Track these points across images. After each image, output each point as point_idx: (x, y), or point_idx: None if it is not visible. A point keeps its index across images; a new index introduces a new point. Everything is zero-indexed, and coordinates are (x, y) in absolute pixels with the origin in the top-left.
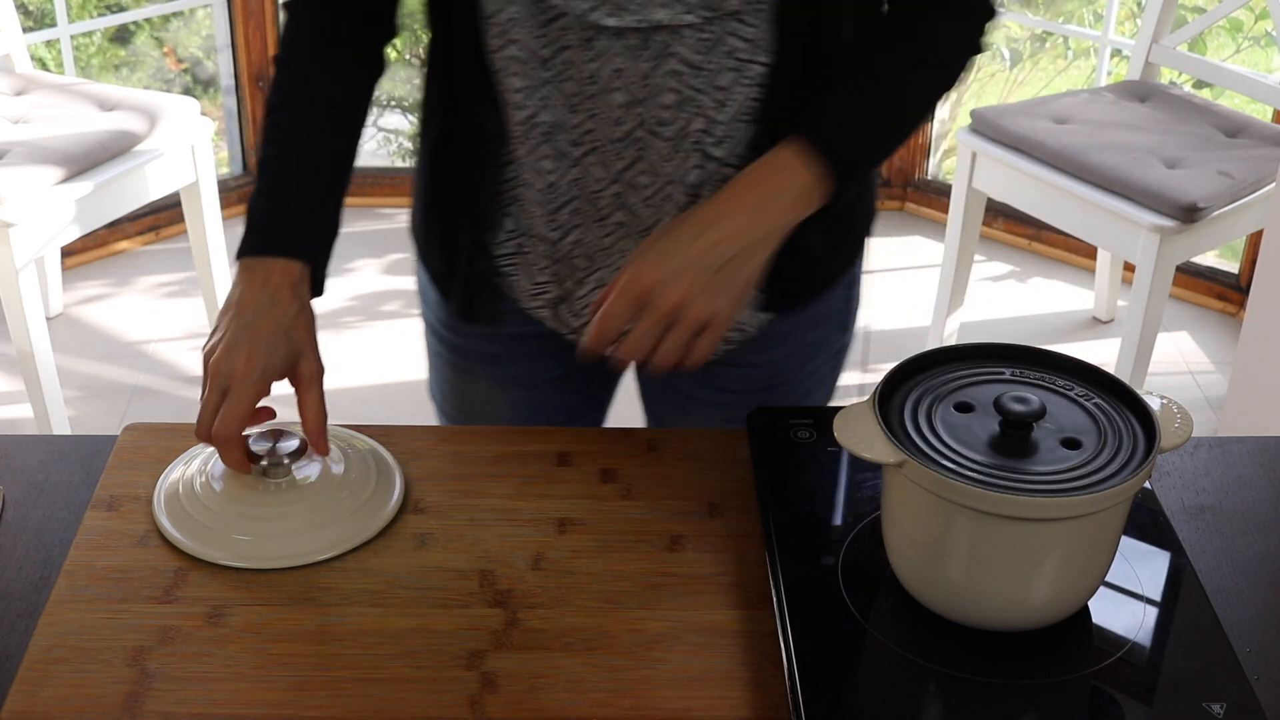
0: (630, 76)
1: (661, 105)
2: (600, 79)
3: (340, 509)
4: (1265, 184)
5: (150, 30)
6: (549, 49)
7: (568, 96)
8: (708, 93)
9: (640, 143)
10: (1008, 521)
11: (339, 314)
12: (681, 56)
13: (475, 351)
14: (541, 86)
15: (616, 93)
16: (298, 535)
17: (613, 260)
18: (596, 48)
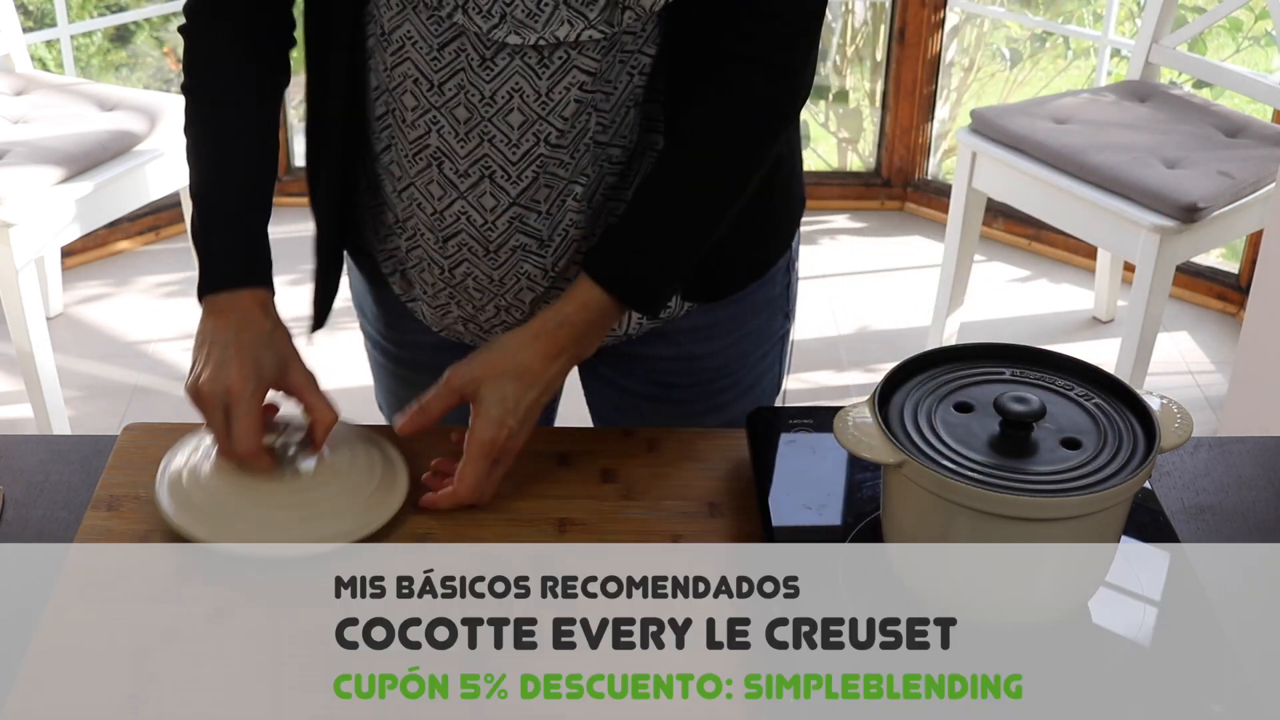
0: (528, 95)
1: (561, 117)
2: (497, 100)
3: (346, 501)
4: (1265, 184)
5: (150, 30)
6: (442, 72)
7: (459, 123)
8: (602, 91)
9: (539, 160)
10: (1008, 521)
11: (336, 314)
12: (583, 67)
13: (418, 361)
14: (431, 110)
15: (513, 113)
16: (303, 525)
17: (509, 288)
18: (495, 67)
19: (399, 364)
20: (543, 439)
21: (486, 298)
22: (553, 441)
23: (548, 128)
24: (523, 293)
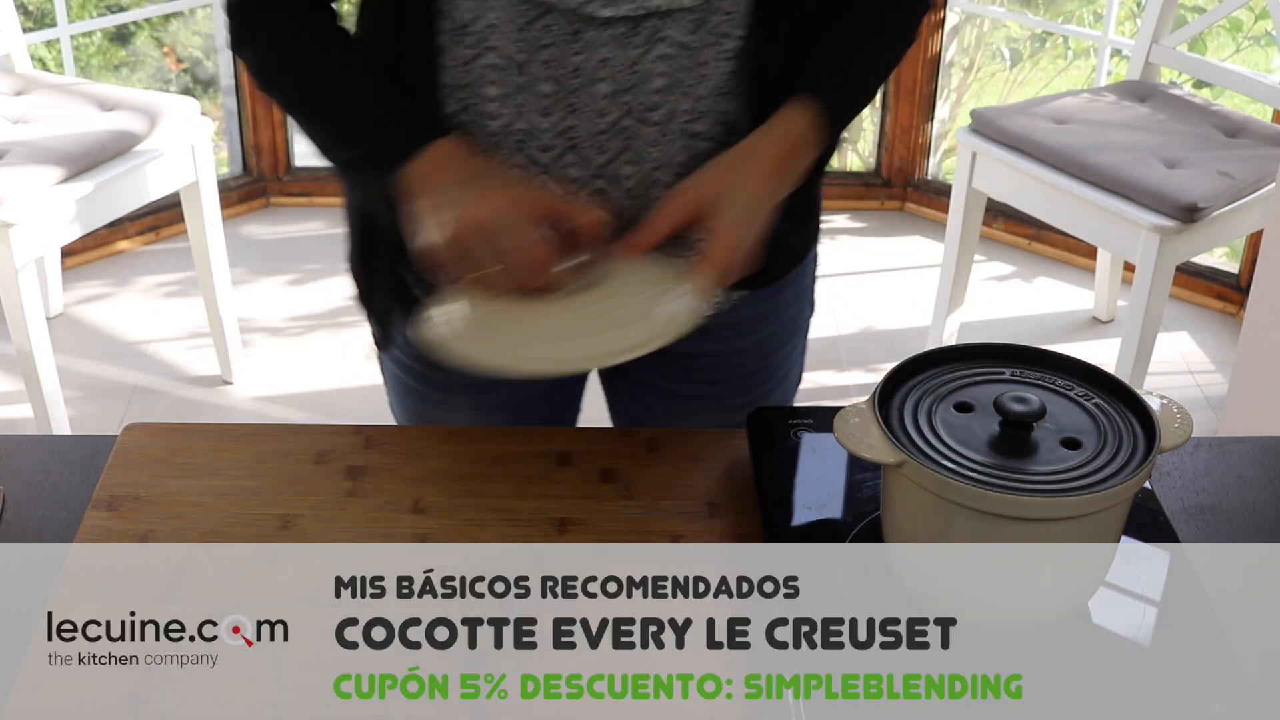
0: (617, 65)
1: (651, 90)
2: (585, 71)
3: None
4: (1265, 184)
5: (150, 30)
6: (525, 52)
7: (542, 98)
8: (693, 70)
9: (627, 131)
10: (1008, 521)
11: (338, 314)
12: (672, 39)
13: (454, 383)
14: (517, 93)
15: (602, 83)
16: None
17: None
18: (583, 40)
19: (435, 387)
20: (542, 439)
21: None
22: (553, 441)
23: (635, 99)
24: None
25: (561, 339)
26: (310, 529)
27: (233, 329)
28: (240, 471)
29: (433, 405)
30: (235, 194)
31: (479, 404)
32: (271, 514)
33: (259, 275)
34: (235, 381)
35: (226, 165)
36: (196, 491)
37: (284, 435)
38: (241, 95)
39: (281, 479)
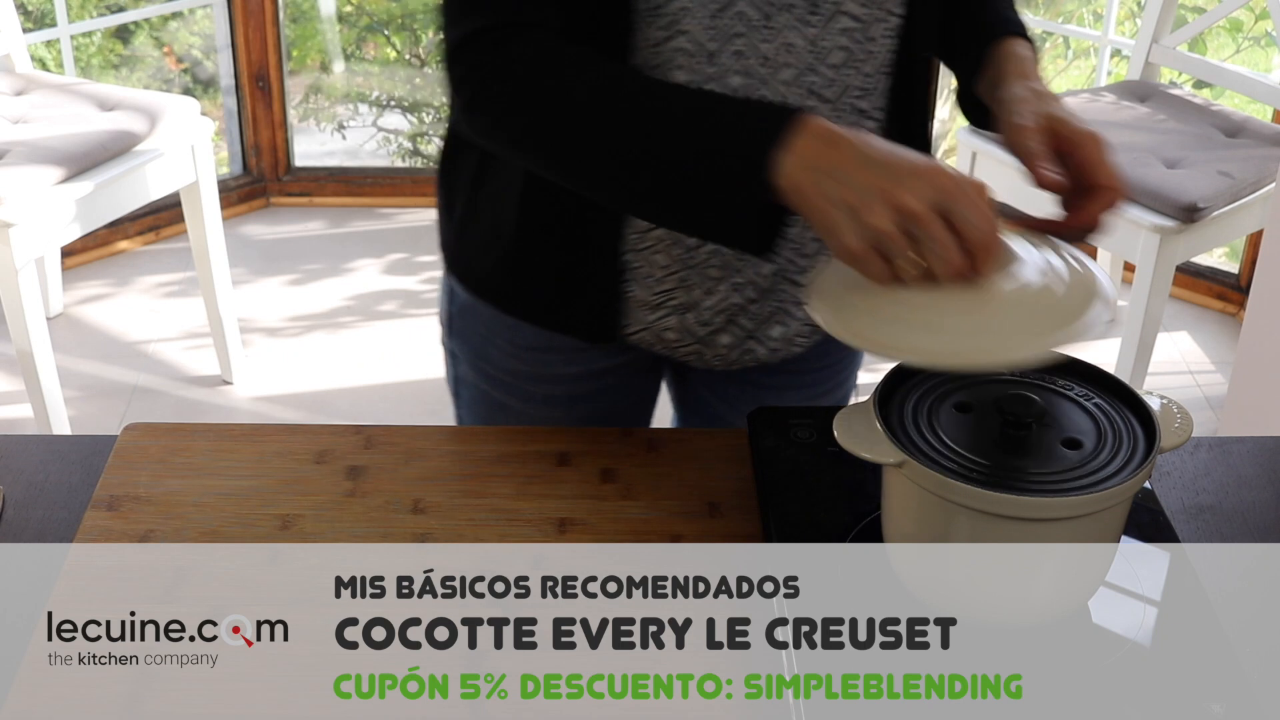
0: (799, 46)
1: (829, 66)
2: (772, 59)
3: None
4: (1265, 184)
5: (150, 30)
6: (716, 41)
7: (732, 91)
8: (863, 45)
9: None
10: (1008, 521)
11: (338, 314)
12: (850, 13)
13: (554, 396)
14: (706, 83)
15: (785, 69)
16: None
17: (745, 267)
18: (774, 25)
19: (524, 400)
20: (542, 439)
21: (725, 274)
22: (553, 441)
23: (815, 78)
24: (765, 266)
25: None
26: (310, 529)
27: (233, 329)
28: (240, 471)
29: (526, 421)
30: (235, 194)
31: (578, 416)
32: (271, 514)
33: (259, 275)
34: (235, 381)
35: (226, 165)
36: (196, 491)
37: (284, 435)
38: (241, 95)
39: (281, 479)
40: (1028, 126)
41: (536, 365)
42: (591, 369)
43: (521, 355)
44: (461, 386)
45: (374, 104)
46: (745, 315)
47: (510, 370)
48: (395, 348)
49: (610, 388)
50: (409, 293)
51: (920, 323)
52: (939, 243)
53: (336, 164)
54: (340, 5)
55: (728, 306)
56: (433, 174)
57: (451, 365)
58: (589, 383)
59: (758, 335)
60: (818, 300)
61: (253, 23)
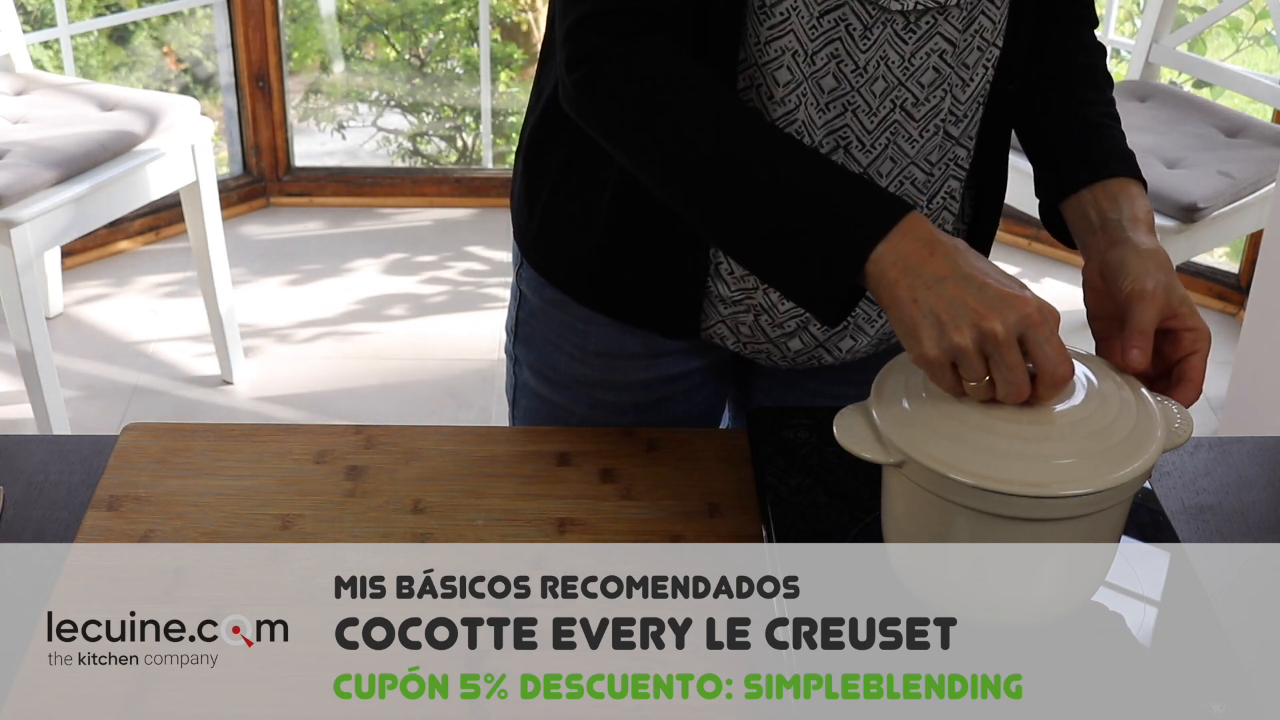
0: (894, 61)
1: (919, 84)
2: (867, 69)
3: (1092, 443)
4: (1265, 184)
5: (149, 30)
6: (818, 42)
7: (823, 93)
8: (958, 70)
9: (893, 128)
10: (1008, 521)
11: (338, 314)
12: (945, 35)
13: (624, 403)
14: (803, 83)
15: (878, 81)
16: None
17: None
18: (872, 36)
19: (601, 409)
20: (542, 439)
21: None
22: (553, 441)
23: (905, 94)
24: None
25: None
26: (310, 529)
27: (233, 329)
28: (240, 471)
29: (587, 424)
30: (235, 194)
31: (646, 424)
32: (271, 514)
33: (259, 275)
34: (235, 381)
35: (226, 165)
36: (196, 491)
37: (284, 435)
38: (241, 95)
39: (281, 479)
40: (1148, 293)
41: (605, 371)
42: (660, 375)
43: (590, 361)
44: (520, 394)
45: (373, 104)
46: (817, 324)
47: (577, 377)
48: (396, 348)
49: (676, 396)
50: (409, 293)
51: (971, 442)
52: (1013, 370)
53: (336, 164)
54: (340, 5)
55: (801, 313)
56: (432, 174)
57: (513, 372)
58: (656, 390)
59: (827, 345)
60: (878, 404)
61: (253, 23)
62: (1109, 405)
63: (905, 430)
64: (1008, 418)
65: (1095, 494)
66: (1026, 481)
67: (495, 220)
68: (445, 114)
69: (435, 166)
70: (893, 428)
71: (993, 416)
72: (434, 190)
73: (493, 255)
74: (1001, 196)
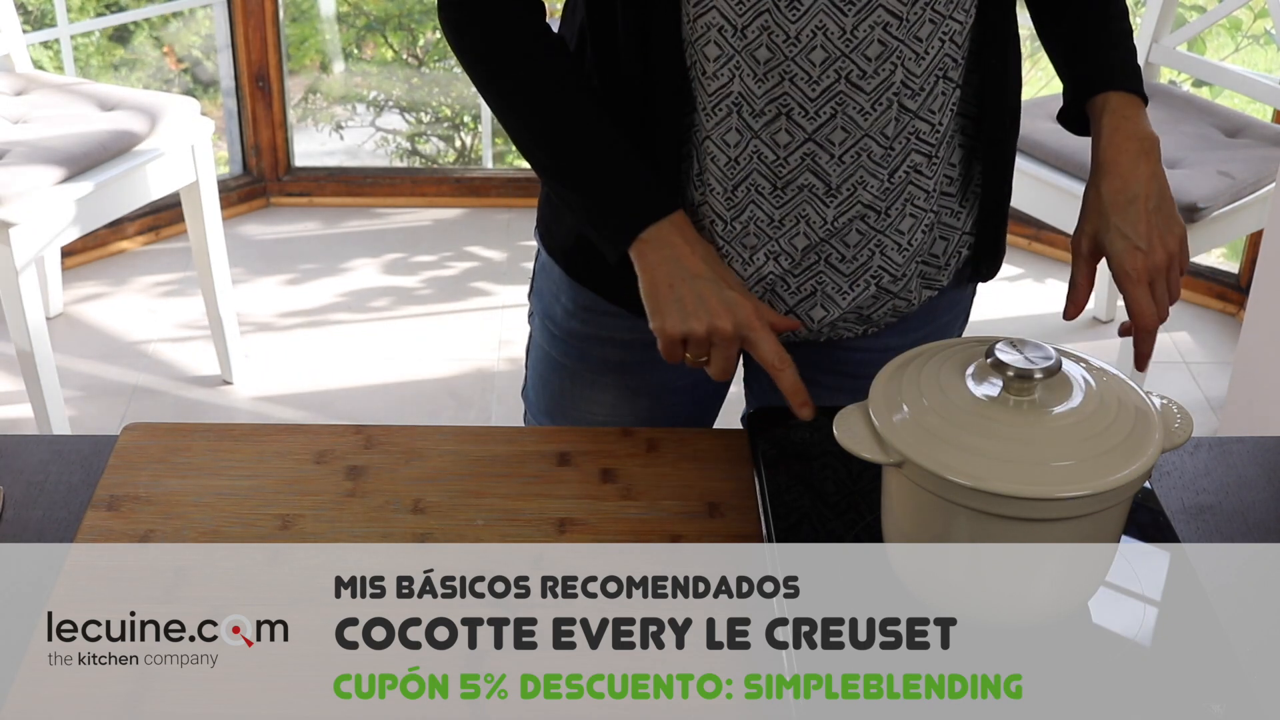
0: (832, 32)
1: (865, 57)
2: (801, 40)
3: (1091, 445)
4: (1265, 184)
5: (150, 30)
6: (747, 15)
7: (759, 64)
8: (908, 44)
9: (839, 97)
10: (1008, 521)
11: (338, 314)
12: (887, 7)
13: (609, 360)
14: (735, 56)
15: (816, 50)
16: (1037, 467)
17: (785, 231)
18: (804, 5)
19: (588, 364)
20: (542, 439)
21: (760, 243)
22: (553, 441)
23: (850, 65)
24: (796, 238)
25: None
26: (310, 529)
27: (233, 329)
28: (240, 471)
29: (582, 385)
30: (235, 194)
31: (629, 386)
32: (271, 514)
33: (259, 275)
34: (235, 381)
35: (226, 165)
36: (196, 491)
37: (284, 435)
38: (241, 95)
39: (281, 479)
40: (1137, 289)
41: (596, 327)
42: (646, 338)
43: (581, 315)
44: (533, 346)
45: (371, 104)
46: (783, 287)
47: (570, 330)
48: (395, 347)
49: (659, 362)
50: (409, 292)
51: (969, 445)
52: (727, 360)
53: (336, 164)
54: (338, 5)
55: (765, 276)
56: (432, 174)
57: (530, 325)
58: (639, 351)
59: (798, 313)
60: (877, 404)
61: (253, 23)
62: (1107, 407)
63: (904, 431)
64: (1007, 419)
65: (1094, 495)
66: (1026, 482)
67: (494, 220)
68: (443, 114)
69: (435, 166)
70: (892, 428)
71: (992, 418)
72: (434, 190)
73: (492, 255)
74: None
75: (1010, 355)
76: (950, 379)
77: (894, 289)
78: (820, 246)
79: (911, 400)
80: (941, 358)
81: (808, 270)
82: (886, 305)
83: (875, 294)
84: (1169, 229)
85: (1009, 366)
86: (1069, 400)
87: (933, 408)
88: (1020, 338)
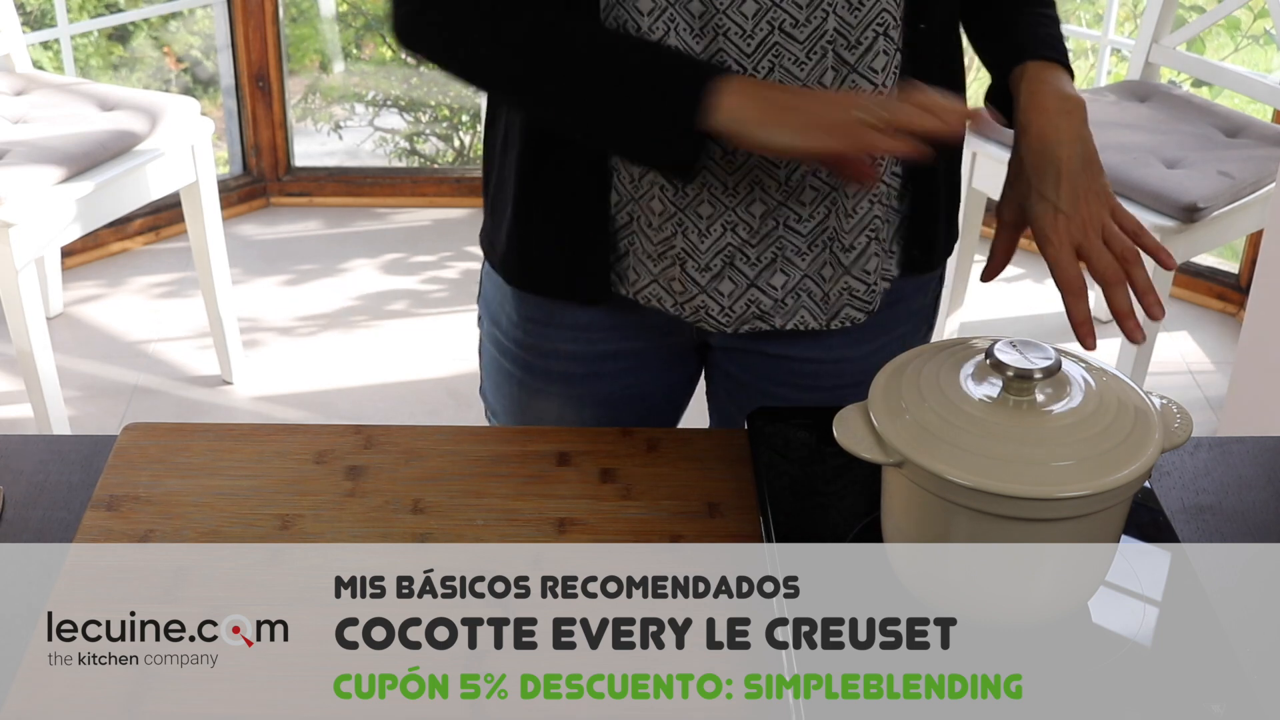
0: None
1: (795, 4)
2: None
3: (1090, 445)
4: (1265, 184)
5: (149, 30)
6: None
7: (694, 18)
8: None
9: (774, 49)
10: (1008, 521)
11: (338, 314)
12: None
13: (552, 371)
14: (667, 10)
15: (748, 2)
16: (1037, 467)
17: (740, 199)
18: None
19: (532, 374)
20: (542, 439)
21: (716, 213)
22: (553, 441)
23: (782, 15)
24: (754, 205)
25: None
26: (310, 529)
27: (233, 329)
28: (240, 471)
29: (529, 393)
30: (235, 194)
31: (575, 396)
32: (271, 514)
33: (259, 275)
34: (235, 381)
35: (226, 165)
36: (196, 491)
37: (284, 435)
38: (241, 95)
39: (281, 479)
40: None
41: (539, 338)
42: (591, 351)
43: (525, 326)
44: (484, 350)
45: (370, 104)
46: (742, 258)
47: (516, 340)
48: (395, 347)
49: (605, 375)
50: (409, 292)
51: (969, 445)
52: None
53: (336, 164)
54: (337, 5)
55: (724, 247)
56: (432, 174)
57: (480, 329)
58: (589, 364)
59: (759, 284)
60: (877, 404)
61: (253, 23)
62: (1107, 406)
63: (904, 431)
64: (1007, 419)
65: (1094, 495)
66: (1026, 482)
67: None
68: (442, 113)
69: (435, 166)
70: (892, 428)
71: (992, 418)
72: (433, 190)
73: None
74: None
75: (1010, 355)
76: (950, 379)
77: (846, 261)
78: (777, 210)
79: (911, 400)
80: (941, 358)
81: (765, 237)
82: (842, 283)
83: (831, 265)
84: (1092, 190)
85: (1009, 366)
86: (1069, 400)
87: (933, 408)
88: (1020, 338)
